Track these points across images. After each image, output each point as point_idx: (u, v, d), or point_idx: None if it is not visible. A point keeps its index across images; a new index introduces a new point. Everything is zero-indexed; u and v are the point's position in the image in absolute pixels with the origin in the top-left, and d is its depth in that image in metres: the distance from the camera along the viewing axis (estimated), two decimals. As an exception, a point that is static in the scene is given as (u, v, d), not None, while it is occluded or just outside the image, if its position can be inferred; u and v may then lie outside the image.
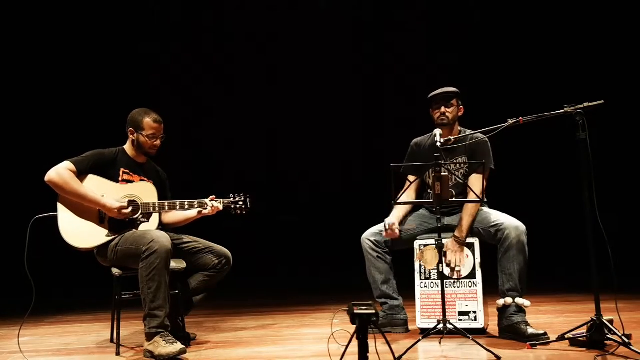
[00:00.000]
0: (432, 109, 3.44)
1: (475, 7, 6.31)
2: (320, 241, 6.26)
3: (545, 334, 2.95)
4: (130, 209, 3.13)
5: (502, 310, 3.12)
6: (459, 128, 3.47)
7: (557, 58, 6.15)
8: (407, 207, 3.50)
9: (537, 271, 3.35)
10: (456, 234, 3.25)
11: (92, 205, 3.09)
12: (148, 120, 3.26)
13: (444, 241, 3.10)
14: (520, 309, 3.08)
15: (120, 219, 3.12)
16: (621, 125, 5.91)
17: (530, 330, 2.99)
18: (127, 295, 3.17)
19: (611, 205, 4.05)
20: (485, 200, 3.39)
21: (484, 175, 3.20)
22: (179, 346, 2.89)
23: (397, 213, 3.44)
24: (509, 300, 3.08)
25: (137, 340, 3.41)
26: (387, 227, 3.32)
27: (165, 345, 2.88)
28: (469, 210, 3.26)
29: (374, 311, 2.19)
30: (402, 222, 3.44)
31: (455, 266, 3.24)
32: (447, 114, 3.36)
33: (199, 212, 3.33)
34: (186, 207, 3.27)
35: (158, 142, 3.31)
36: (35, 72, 6.16)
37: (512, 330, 3.06)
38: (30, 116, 6.18)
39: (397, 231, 3.33)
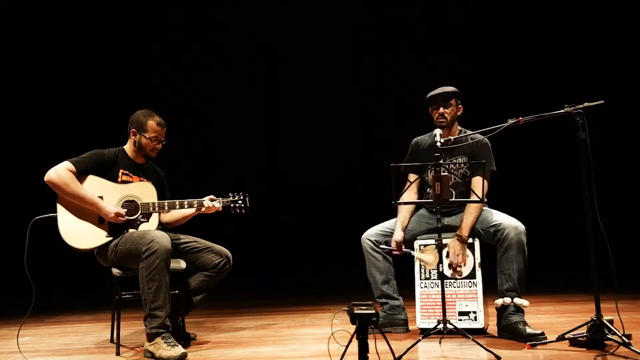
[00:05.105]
0: (430, 109, 3.44)
1: (476, 7, 6.31)
2: (320, 241, 6.26)
3: (543, 333, 2.95)
4: (126, 217, 3.13)
5: (501, 310, 3.12)
6: (459, 128, 3.47)
7: (557, 58, 6.15)
8: (411, 206, 3.49)
9: (537, 271, 3.35)
10: (459, 232, 3.25)
11: (90, 207, 3.09)
12: (152, 123, 3.26)
13: (445, 241, 3.10)
14: (519, 309, 3.08)
15: (117, 223, 3.13)
16: (621, 125, 5.91)
17: (528, 330, 3.00)
18: (127, 295, 3.17)
19: (611, 205, 4.05)
20: (486, 200, 3.38)
21: (484, 176, 3.19)
22: (180, 350, 2.89)
23: (403, 216, 3.43)
24: (507, 300, 3.09)
25: (137, 340, 3.41)
26: (397, 246, 3.33)
27: (167, 348, 2.88)
28: (471, 209, 3.25)
29: (374, 311, 2.19)
30: (406, 227, 3.44)
31: (457, 266, 3.23)
32: (445, 115, 3.36)
33: (197, 209, 3.33)
34: (185, 206, 3.27)
35: (160, 145, 3.32)
36: (36, 72, 6.17)
37: (510, 330, 3.06)
38: (30, 116, 6.19)
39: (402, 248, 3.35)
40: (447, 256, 3.24)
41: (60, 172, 3.06)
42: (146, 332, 2.97)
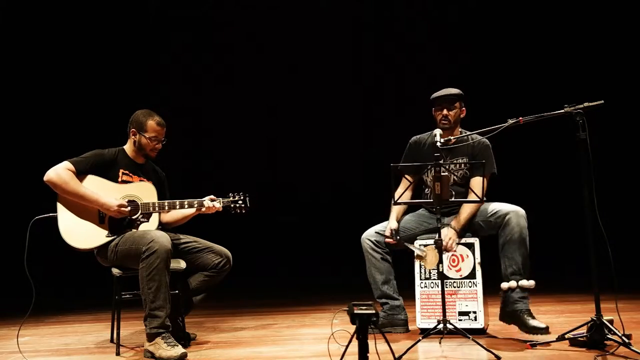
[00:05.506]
0: (434, 110, 3.44)
1: (476, 7, 6.31)
2: (320, 241, 6.26)
3: (547, 328, 2.95)
4: (129, 207, 3.13)
5: (506, 295, 3.11)
6: (460, 129, 3.48)
7: (557, 58, 6.15)
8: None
9: (537, 271, 3.34)
10: (452, 223, 3.27)
11: (91, 204, 3.09)
12: (152, 123, 3.26)
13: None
14: (525, 296, 3.07)
15: (119, 217, 3.12)
16: (621, 125, 5.91)
17: (532, 322, 2.99)
18: (127, 295, 3.17)
19: (611, 205, 4.05)
20: (485, 199, 3.38)
21: (484, 177, 3.19)
22: (180, 350, 2.89)
23: (397, 210, 3.44)
24: (513, 283, 3.08)
25: (137, 340, 3.41)
26: (390, 234, 3.33)
27: (167, 348, 2.88)
28: (468, 208, 3.26)
29: (374, 311, 2.19)
30: (400, 219, 3.45)
31: (449, 250, 3.23)
32: (449, 117, 3.36)
33: (197, 209, 3.33)
34: (186, 206, 3.27)
35: (159, 145, 3.32)
36: (36, 72, 6.17)
37: (514, 317, 3.06)
38: (30, 116, 6.19)
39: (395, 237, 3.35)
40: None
41: (60, 172, 3.06)
42: (146, 332, 2.97)
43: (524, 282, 3.07)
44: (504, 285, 3.11)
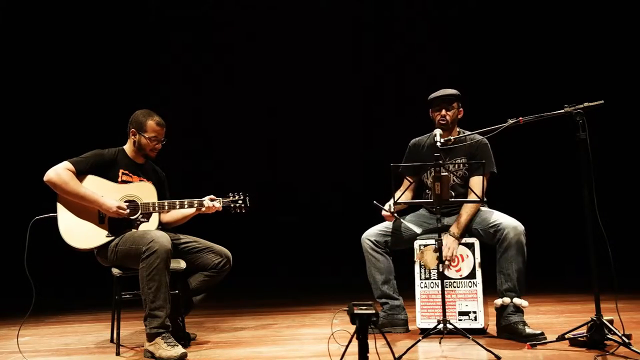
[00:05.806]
0: (432, 111, 3.44)
1: (476, 7, 6.31)
2: (320, 241, 6.26)
3: (542, 333, 2.96)
4: (127, 210, 3.13)
5: (500, 310, 3.12)
6: (458, 129, 3.48)
7: (557, 58, 6.15)
8: (407, 197, 3.49)
9: (537, 271, 3.35)
10: (452, 229, 3.26)
11: (91, 204, 3.09)
12: (151, 123, 3.26)
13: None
14: (518, 309, 3.08)
15: (118, 218, 3.13)
16: (621, 125, 5.91)
17: (527, 330, 3.00)
18: (127, 295, 3.17)
19: (611, 206, 4.05)
20: (485, 200, 3.39)
21: (484, 176, 3.20)
22: (180, 350, 2.89)
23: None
24: (506, 300, 3.09)
25: (137, 340, 3.41)
26: (388, 208, 3.32)
27: (167, 348, 2.88)
28: (468, 209, 3.26)
29: (374, 311, 2.19)
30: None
31: (449, 260, 3.22)
32: (447, 117, 3.36)
33: (197, 209, 3.33)
34: (186, 206, 3.27)
35: (159, 145, 3.32)
36: (36, 72, 6.17)
37: (509, 330, 3.06)
38: (30, 116, 6.19)
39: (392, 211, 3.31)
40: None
41: (60, 172, 3.06)
42: (146, 332, 2.97)
43: (518, 301, 3.07)
44: (498, 301, 3.11)
